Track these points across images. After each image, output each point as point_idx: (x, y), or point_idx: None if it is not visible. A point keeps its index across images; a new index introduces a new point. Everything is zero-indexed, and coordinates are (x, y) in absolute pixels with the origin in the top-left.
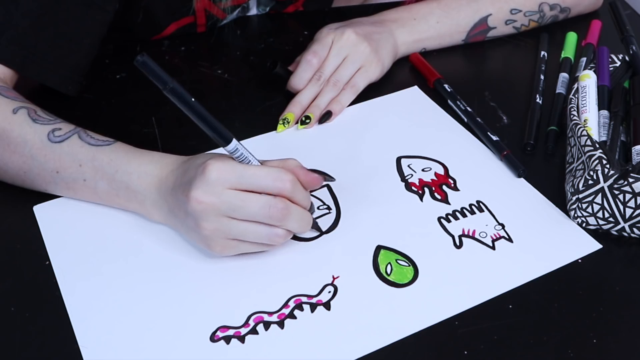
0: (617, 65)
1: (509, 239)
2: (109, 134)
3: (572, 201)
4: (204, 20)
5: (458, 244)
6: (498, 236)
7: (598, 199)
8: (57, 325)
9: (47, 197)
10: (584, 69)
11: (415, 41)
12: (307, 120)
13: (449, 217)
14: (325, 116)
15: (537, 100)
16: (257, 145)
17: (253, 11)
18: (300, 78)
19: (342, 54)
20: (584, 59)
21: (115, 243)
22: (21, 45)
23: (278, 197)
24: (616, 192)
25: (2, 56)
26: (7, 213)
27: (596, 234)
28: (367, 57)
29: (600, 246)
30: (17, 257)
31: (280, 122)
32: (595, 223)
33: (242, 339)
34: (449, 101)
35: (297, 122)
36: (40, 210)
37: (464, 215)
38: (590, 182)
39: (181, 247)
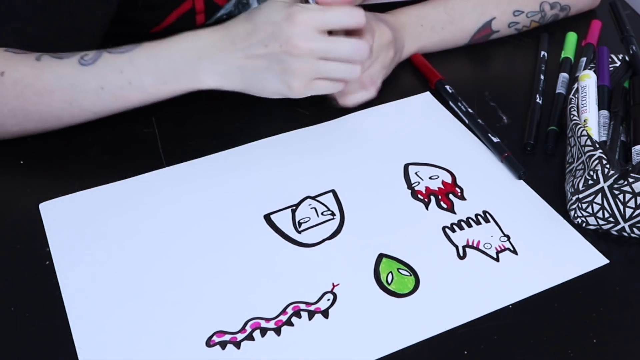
0: (617, 65)
1: (514, 251)
2: (109, 134)
3: (572, 201)
4: (202, 6)
5: (461, 254)
6: (503, 248)
7: (598, 199)
8: (57, 326)
9: (54, 194)
10: (584, 69)
11: (419, 48)
12: None
13: (454, 226)
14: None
15: (537, 100)
16: (263, 149)
17: (254, 4)
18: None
19: (377, 53)
20: (584, 59)
21: (117, 244)
22: (24, 35)
23: (361, 39)
24: (616, 192)
25: (5, 45)
26: (9, 213)
27: (596, 234)
28: (387, 64)
29: (607, 261)
30: (17, 257)
31: None
32: (595, 223)
33: (237, 344)
34: (450, 102)
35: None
36: (46, 208)
37: (469, 226)
38: (590, 182)
39: (181, 251)
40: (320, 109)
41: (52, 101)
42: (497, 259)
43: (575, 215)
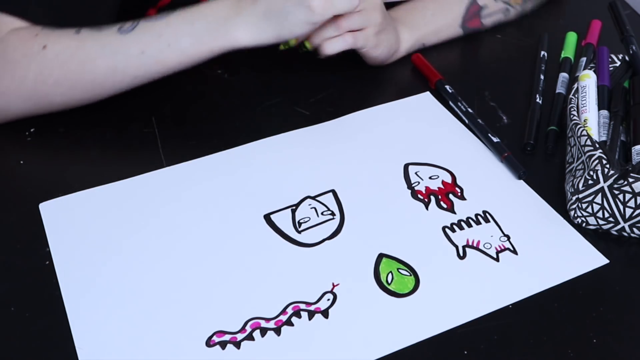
0: (617, 65)
1: (514, 251)
2: (109, 134)
3: (572, 201)
4: None
5: (461, 254)
6: (503, 248)
7: (598, 199)
8: (57, 326)
9: (54, 194)
10: (584, 69)
11: (416, 40)
12: (303, 48)
13: (454, 226)
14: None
15: (537, 100)
16: (263, 149)
17: None
18: (333, 6)
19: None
20: (584, 58)
21: (117, 244)
22: (50, 5)
23: None
24: (616, 192)
25: (34, 16)
26: (10, 212)
27: (596, 233)
28: (374, 24)
29: (607, 261)
30: (17, 257)
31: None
32: (595, 223)
33: (237, 344)
34: (450, 102)
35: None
36: (46, 208)
37: (469, 225)
38: (590, 182)
39: (181, 251)
40: (320, 109)
41: (95, 68)
42: (497, 259)
43: (575, 215)
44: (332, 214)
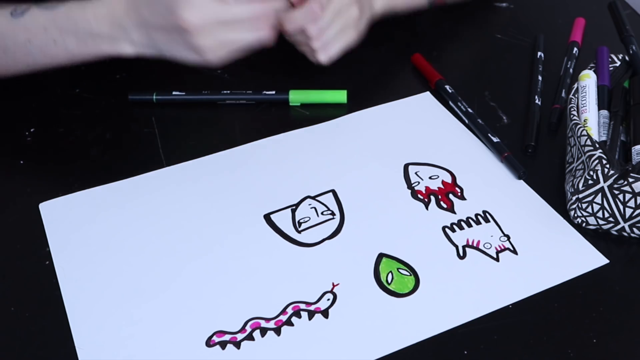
0: (617, 65)
1: (514, 251)
2: (109, 134)
3: (572, 201)
4: None
5: (461, 254)
6: (503, 247)
7: (598, 199)
8: (57, 326)
9: (54, 194)
10: (570, 67)
11: (387, 4)
12: None
13: (454, 226)
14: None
15: (536, 101)
16: (263, 149)
17: None
18: (296, 23)
19: (337, 10)
20: (565, 57)
21: (117, 244)
22: None
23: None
24: (616, 192)
25: None
26: (10, 212)
27: (596, 233)
28: (353, 20)
29: (607, 261)
30: (17, 257)
31: None
32: (595, 223)
33: (237, 344)
34: (450, 102)
35: None
36: (46, 208)
37: (469, 225)
38: (590, 182)
39: (181, 251)
40: (320, 108)
41: None
42: (497, 259)
43: (575, 215)
44: (332, 213)
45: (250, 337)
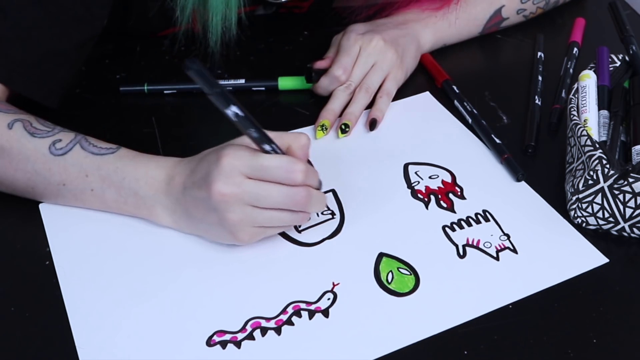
0: (617, 65)
1: (514, 250)
2: (109, 134)
3: (572, 201)
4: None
5: (462, 253)
6: (503, 247)
7: (598, 199)
8: (57, 326)
9: None
10: (570, 67)
11: (438, 40)
12: (347, 129)
13: (454, 225)
14: (373, 124)
15: (536, 101)
16: None
17: (260, 11)
18: (326, 90)
19: (370, 62)
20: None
21: (117, 245)
22: (8, 58)
23: (298, 187)
24: (616, 192)
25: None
26: (10, 212)
27: (596, 233)
28: (394, 63)
29: (607, 260)
30: (17, 257)
31: (319, 128)
32: (595, 223)
33: (238, 344)
34: (455, 102)
35: (334, 129)
36: (46, 208)
37: (469, 225)
38: (590, 182)
39: (182, 251)
40: (320, 109)
41: (15, 179)
42: (497, 258)
43: (575, 215)
44: (332, 213)
45: (250, 337)
